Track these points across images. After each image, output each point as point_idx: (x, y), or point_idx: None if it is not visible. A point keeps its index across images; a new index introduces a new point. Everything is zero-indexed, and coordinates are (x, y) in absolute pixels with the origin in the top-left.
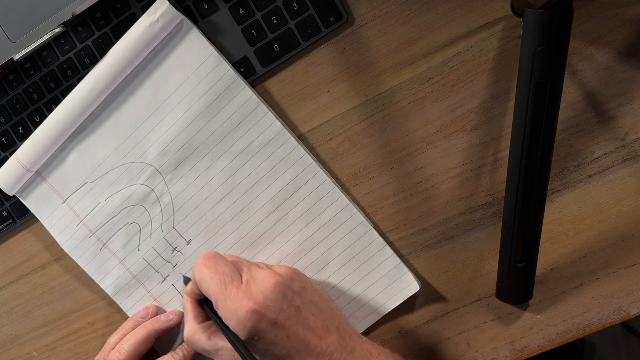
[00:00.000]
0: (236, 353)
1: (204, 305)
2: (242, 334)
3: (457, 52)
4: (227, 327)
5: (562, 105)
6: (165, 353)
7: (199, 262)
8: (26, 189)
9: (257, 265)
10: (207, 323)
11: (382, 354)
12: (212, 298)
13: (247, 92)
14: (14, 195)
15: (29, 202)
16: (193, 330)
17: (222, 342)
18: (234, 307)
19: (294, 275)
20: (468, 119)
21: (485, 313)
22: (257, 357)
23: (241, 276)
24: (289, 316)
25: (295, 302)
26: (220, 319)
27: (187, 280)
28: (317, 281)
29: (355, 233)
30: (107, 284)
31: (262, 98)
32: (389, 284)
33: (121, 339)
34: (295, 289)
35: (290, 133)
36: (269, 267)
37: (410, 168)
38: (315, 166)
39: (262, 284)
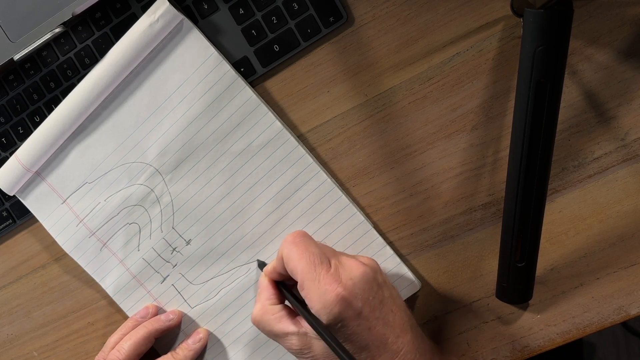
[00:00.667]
0: (306, 339)
1: (282, 287)
2: (325, 319)
3: (457, 52)
4: (308, 311)
5: (562, 105)
6: (166, 353)
7: (288, 239)
8: (26, 189)
9: (342, 253)
10: (279, 306)
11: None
12: (298, 277)
13: (247, 92)
14: (14, 195)
15: (28, 202)
16: (264, 311)
17: (292, 327)
18: (323, 290)
19: (377, 267)
20: (468, 119)
21: (485, 313)
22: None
23: (329, 261)
24: (373, 309)
25: (379, 296)
26: (299, 302)
27: (261, 265)
28: None
29: (355, 233)
30: (107, 284)
31: (262, 98)
32: None
33: (121, 338)
34: (379, 281)
35: (290, 133)
36: (355, 257)
37: (410, 168)
38: (315, 166)
39: (351, 272)
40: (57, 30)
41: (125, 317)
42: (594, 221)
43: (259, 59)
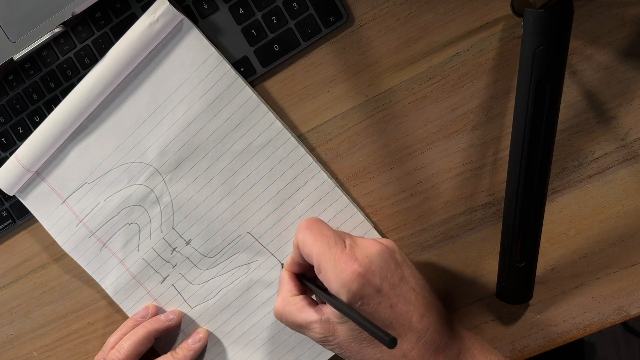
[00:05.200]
0: (329, 325)
1: (303, 279)
2: (345, 297)
3: (457, 52)
4: (329, 294)
5: (562, 105)
6: (165, 353)
7: (301, 225)
8: (26, 189)
9: (357, 236)
10: (299, 297)
11: (484, 347)
12: (314, 260)
13: (247, 92)
14: (13, 195)
15: (28, 202)
16: (285, 302)
17: (315, 315)
18: (339, 269)
19: (395, 247)
20: (468, 119)
21: (485, 313)
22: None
23: (344, 241)
24: (393, 286)
25: (398, 273)
26: (320, 288)
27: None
28: None
29: (355, 233)
30: (107, 284)
31: (262, 98)
32: None
33: (121, 338)
34: (398, 260)
35: (290, 133)
36: (371, 238)
37: (411, 168)
38: (315, 166)
39: (366, 249)
40: (57, 30)
41: (125, 317)
42: (594, 221)
43: (259, 58)
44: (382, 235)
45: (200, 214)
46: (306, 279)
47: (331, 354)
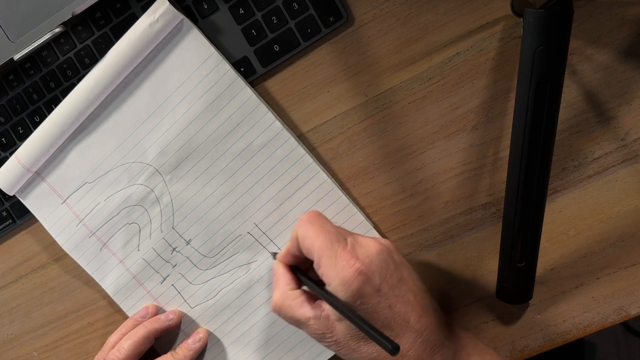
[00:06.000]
0: (328, 322)
1: (298, 272)
2: (344, 295)
3: (457, 52)
4: (327, 291)
5: (562, 105)
6: (165, 353)
7: (302, 219)
8: (26, 189)
9: (357, 233)
10: (298, 291)
11: (479, 346)
12: (315, 255)
13: (247, 92)
14: (13, 195)
15: (28, 202)
16: (284, 297)
17: (314, 311)
18: (340, 266)
19: (393, 247)
20: (468, 119)
21: (485, 313)
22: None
23: (345, 239)
24: (392, 287)
25: (397, 274)
26: (317, 284)
27: (276, 256)
28: None
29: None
30: (107, 284)
31: (262, 98)
32: None
33: (121, 338)
34: (397, 261)
35: (290, 133)
36: (370, 237)
37: (411, 168)
38: (315, 166)
39: (367, 248)
40: (57, 30)
41: (125, 317)
42: (594, 221)
43: (259, 59)
44: (382, 235)
45: (200, 213)
46: (300, 271)
47: (331, 354)
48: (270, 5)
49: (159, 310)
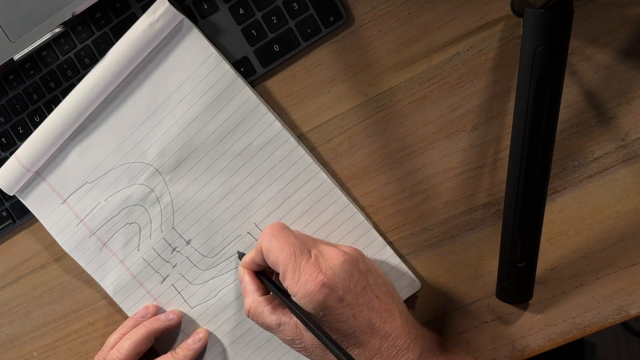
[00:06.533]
0: (297, 329)
1: (263, 278)
2: (309, 308)
3: (457, 52)
4: (290, 299)
5: (562, 105)
6: (165, 353)
7: (267, 231)
8: (26, 189)
9: (322, 242)
10: (269, 296)
11: (446, 347)
12: (280, 269)
13: (247, 92)
14: (14, 195)
15: (28, 202)
16: (256, 303)
17: (285, 317)
18: (304, 279)
19: (359, 256)
20: (468, 119)
21: (485, 313)
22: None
23: (309, 251)
24: (356, 295)
25: (361, 283)
26: (281, 291)
27: (242, 256)
28: None
29: (355, 233)
30: (107, 284)
31: (262, 98)
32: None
33: (121, 338)
34: (361, 269)
35: (290, 133)
36: (335, 246)
37: (411, 168)
38: (315, 166)
39: (330, 261)
40: (57, 30)
41: (125, 317)
42: (594, 221)
43: (259, 59)
44: (383, 235)
45: (200, 213)
46: (267, 278)
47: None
48: (270, 5)
49: (159, 310)
